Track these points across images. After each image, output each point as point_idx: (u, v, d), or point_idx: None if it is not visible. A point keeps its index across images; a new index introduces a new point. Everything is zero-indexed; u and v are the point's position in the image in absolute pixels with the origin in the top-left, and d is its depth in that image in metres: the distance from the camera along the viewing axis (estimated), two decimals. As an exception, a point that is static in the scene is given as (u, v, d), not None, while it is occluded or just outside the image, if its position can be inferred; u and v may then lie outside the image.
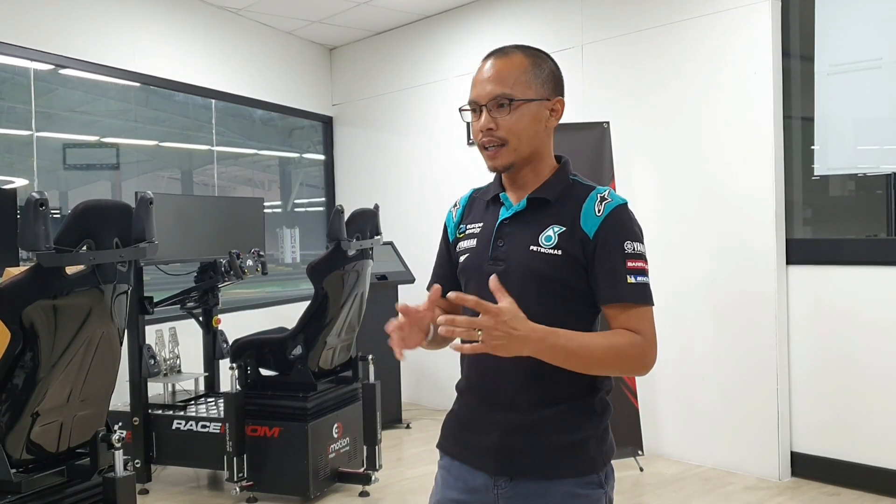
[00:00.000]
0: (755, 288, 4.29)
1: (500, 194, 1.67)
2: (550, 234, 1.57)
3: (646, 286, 1.55)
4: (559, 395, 1.56)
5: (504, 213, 1.64)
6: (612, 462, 1.64)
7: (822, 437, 4.19)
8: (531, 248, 1.57)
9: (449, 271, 1.74)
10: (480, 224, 1.68)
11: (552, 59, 1.67)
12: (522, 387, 1.57)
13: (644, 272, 1.56)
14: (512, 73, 1.59)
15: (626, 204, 1.59)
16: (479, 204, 1.73)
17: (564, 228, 1.56)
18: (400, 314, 1.51)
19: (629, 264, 1.54)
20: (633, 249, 1.55)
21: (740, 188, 4.35)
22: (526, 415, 1.57)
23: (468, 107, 1.64)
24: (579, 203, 1.58)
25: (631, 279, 1.54)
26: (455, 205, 1.79)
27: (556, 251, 1.55)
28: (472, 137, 1.67)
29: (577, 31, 5.08)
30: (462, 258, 1.69)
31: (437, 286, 1.53)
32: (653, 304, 1.57)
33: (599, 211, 1.56)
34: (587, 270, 1.56)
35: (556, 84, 1.64)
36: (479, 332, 1.36)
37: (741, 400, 4.37)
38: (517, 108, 1.57)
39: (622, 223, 1.56)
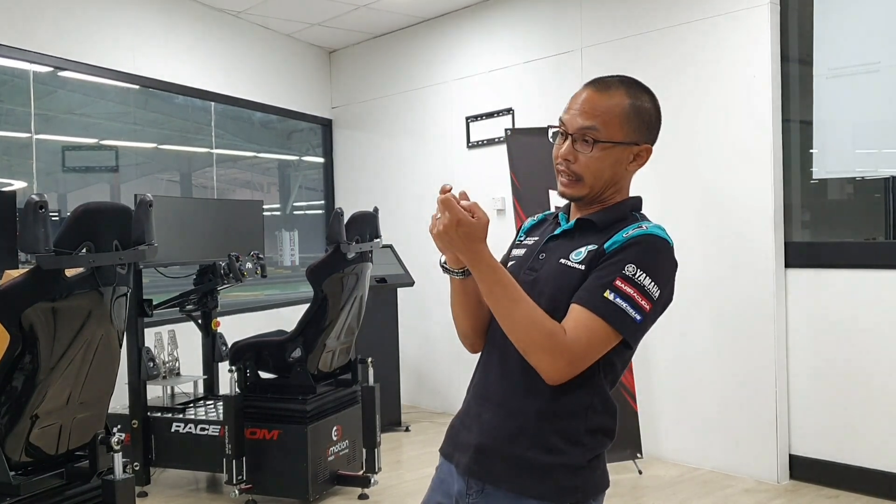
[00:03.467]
0: (753, 291, 4.30)
1: (560, 214, 1.69)
2: (582, 251, 1.55)
3: (622, 312, 1.43)
4: (551, 410, 1.51)
5: (556, 231, 1.66)
6: (611, 465, 1.59)
7: (820, 440, 4.20)
8: (561, 261, 1.57)
9: (505, 264, 1.73)
10: (536, 238, 1.70)
11: (654, 100, 1.61)
12: (515, 389, 1.54)
13: (631, 300, 1.44)
14: (606, 110, 1.55)
15: (661, 237, 1.53)
16: (545, 223, 1.75)
17: (596, 247, 1.55)
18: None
19: (618, 283, 1.45)
20: (635, 276, 1.46)
21: (739, 191, 4.35)
22: (510, 420, 1.53)
23: (557, 126, 1.62)
24: (619, 230, 1.55)
25: (609, 295, 1.44)
26: (534, 215, 1.82)
27: (580, 266, 1.53)
28: (553, 158, 1.63)
29: (576, 34, 5.08)
30: (509, 264, 1.70)
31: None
32: (622, 334, 1.45)
33: (628, 234, 1.53)
34: None
35: (649, 129, 1.61)
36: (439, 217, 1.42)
37: (740, 403, 4.37)
38: (600, 149, 1.55)
39: (640, 249, 1.49)
